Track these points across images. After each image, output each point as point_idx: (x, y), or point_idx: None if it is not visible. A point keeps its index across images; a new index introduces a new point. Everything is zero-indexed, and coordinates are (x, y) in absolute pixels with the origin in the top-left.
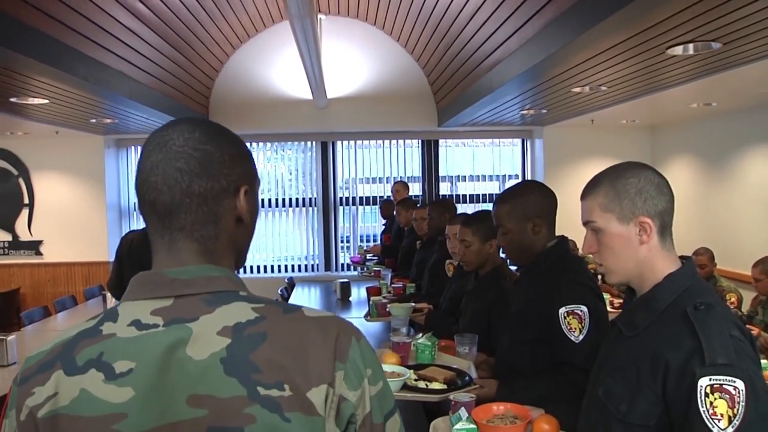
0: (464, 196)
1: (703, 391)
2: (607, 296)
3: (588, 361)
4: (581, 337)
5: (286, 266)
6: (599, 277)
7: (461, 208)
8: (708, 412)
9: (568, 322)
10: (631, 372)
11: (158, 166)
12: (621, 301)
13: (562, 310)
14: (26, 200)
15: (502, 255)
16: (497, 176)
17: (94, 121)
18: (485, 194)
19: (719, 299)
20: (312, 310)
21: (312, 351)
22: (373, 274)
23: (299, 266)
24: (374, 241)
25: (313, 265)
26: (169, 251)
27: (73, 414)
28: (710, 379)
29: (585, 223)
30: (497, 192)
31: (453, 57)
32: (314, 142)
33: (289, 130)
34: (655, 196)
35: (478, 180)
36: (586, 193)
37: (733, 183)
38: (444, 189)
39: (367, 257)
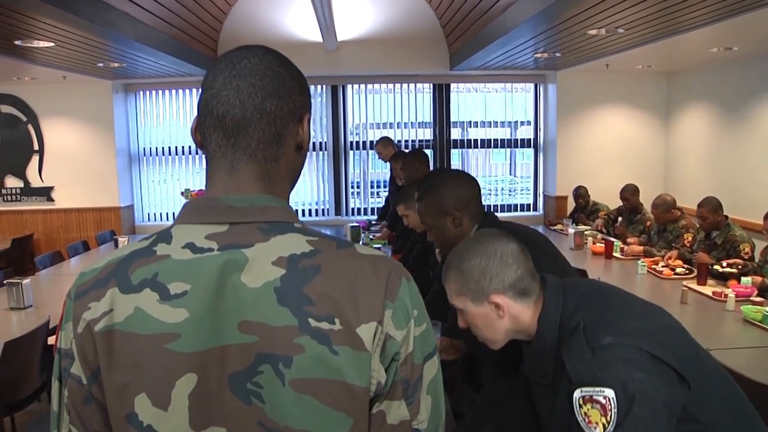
0: (475, 141)
1: (577, 403)
2: (617, 243)
3: None
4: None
5: (296, 210)
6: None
7: (472, 153)
8: (584, 421)
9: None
10: (562, 417)
11: (232, 81)
12: (638, 242)
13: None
14: (36, 146)
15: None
16: (509, 122)
17: (101, 65)
18: (497, 139)
19: (587, 299)
20: (363, 247)
21: (364, 288)
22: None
23: (309, 210)
24: (384, 186)
25: (323, 210)
26: (230, 172)
27: (128, 330)
28: (581, 391)
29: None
30: (508, 138)
31: None
32: (324, 86)
33: None
34: (500, 272)
35: (490, 126)
36: (443, 278)
37: (749, 131)
38: (455, 134)
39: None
